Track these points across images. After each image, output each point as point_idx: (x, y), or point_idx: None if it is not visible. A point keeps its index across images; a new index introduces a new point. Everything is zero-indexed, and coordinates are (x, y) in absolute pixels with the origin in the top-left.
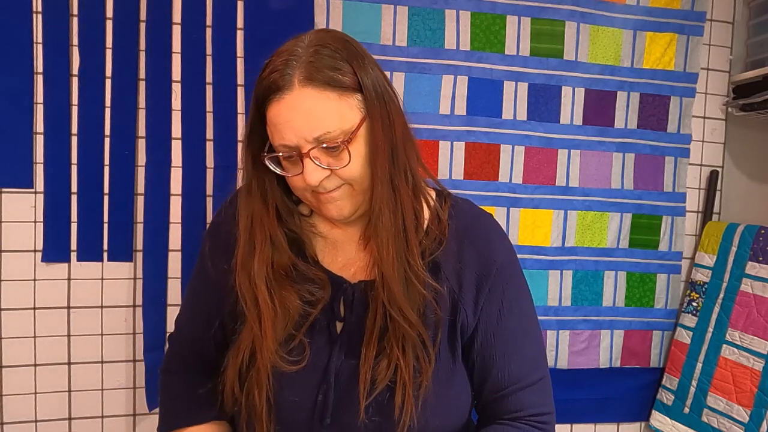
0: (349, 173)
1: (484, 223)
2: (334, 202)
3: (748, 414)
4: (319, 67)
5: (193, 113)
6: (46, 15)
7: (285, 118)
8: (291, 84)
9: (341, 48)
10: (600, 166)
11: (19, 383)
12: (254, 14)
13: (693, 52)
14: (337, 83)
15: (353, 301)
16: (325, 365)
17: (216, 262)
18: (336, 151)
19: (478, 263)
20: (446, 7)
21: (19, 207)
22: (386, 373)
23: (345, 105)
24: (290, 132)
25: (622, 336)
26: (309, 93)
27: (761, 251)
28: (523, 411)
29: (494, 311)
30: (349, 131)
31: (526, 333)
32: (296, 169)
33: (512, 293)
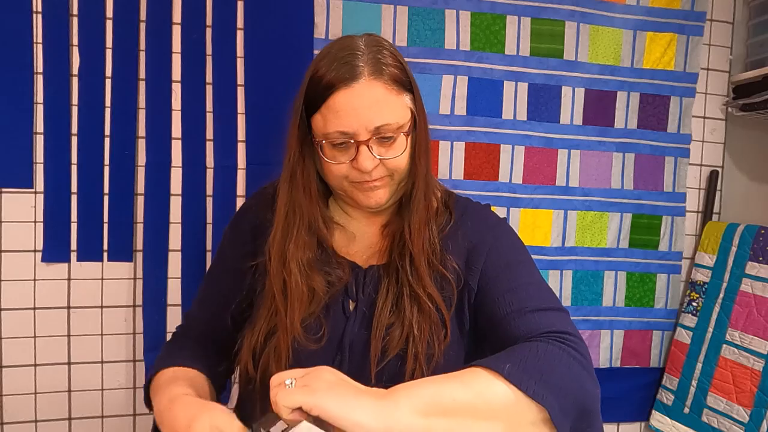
0: (397, 164)
1: (480, 207)
2: (375, 191)
3: (748, 414)
4: (386, 64)
5: (193, 113)
6: (46, 15)
7: (352, 105)
8: (361, 75)
9: (395, 52)
10: (600, 166)
11: (19, 383)
12: (254, 14)
13: (693, 52)
14: (398, 81)
15: (365, 283)
16: (339, 338)
17: (236, 248)
18: (388, 141)
19: (475, 234)
20: (446, 7)
21: (19, 207)
22: (398, 341)
23: (401, 101)
24: (354, 119)
25: (622, 336)
26: (377, 85)
27: (761, 251)
28: (539, 330)
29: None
30: (403, 125)
31: (531, 277)
32: (344, 156)
33: (509, 250)
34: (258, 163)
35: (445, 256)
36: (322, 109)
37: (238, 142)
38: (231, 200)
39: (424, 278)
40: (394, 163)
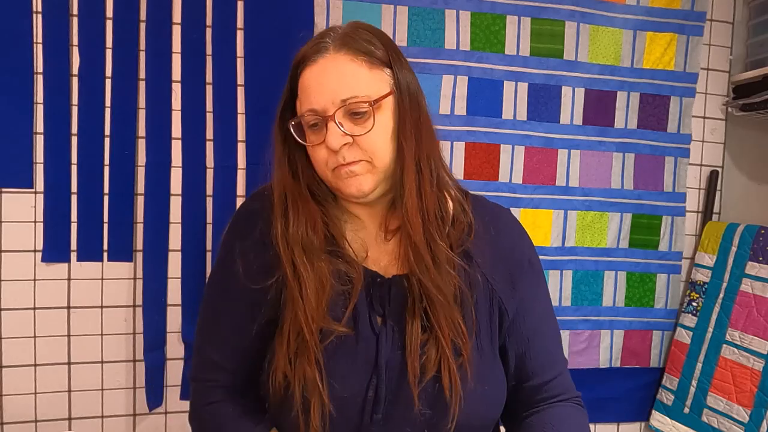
0: (371, 143)
1: (507, 217)
2: (354, 177)
3: (748, 414)
4: (354, 38)
5: (193, 113)
6: (46, 15)
7: (316, 80)
8: (326, 50)
9: (376, 32)
10: (600, 166)
11: (19, 383)
12: (254, 14)
13: (693, 52)
14: (369, 53)
15: (390, 294)
16: (374, 358)
17: (249, 263)
18: (360, 118)
19: (510, 257)
20: (446, 7)
21: (19, 207)
22: (434, 361)
23: (375, 75)
24: (319, 94)
25: (622, 336)
26: (342, 57)
27: (761, 251)
28: (566, 393)
29: (530, 303)
30: (377, 100)
31: (553, 321)
32: (319, 137)
33: (542, 286)
34: (258, 163)
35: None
36: (297, 92)
37: (238, 142)
38: (231, 200)
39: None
40: (368, 141)
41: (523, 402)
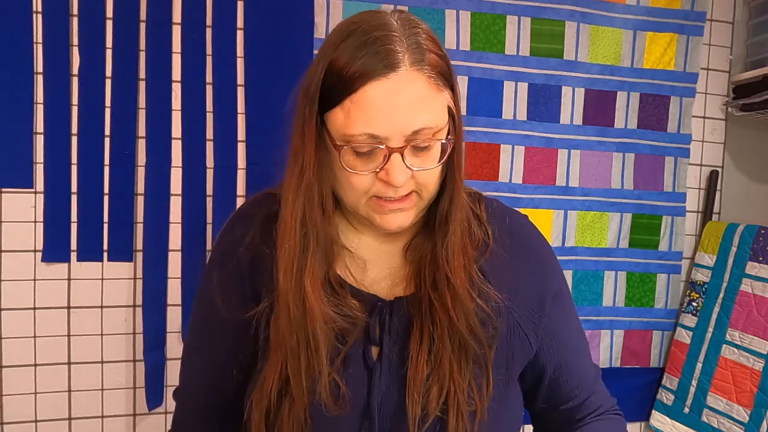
0: (429, 178)
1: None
2: (400, 213)
3: (748, 414)
4: (428, 50)
5: (193, 113)
6: (46, 15)
7: (387, 102)
8: (401, 63)
9: (434, 36)
10: (600, 166)
11: (19, 383)
12: (254, 14)
13: (693, 52)
14: (441, 74)
15: (390, 320)
16: (365, 402)
17: (227, 295)
18: (423, 151)
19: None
20: (446, 7)
21: (19, 207)
22: (438, 401)
23: (442, 100)
24: (388, 120)
25: (622, 336)
26: (419, 78)
27: (761, 251)
28: (605, 405)
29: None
30: (441, 130)
31: (583, 339)
32: (368, 165)
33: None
34: (258, 163)
35: (485, 286)
36: (345, 103)
37: (238, 142)
38: (231, 200)
39: (468, 313)
40: (426, 176)
41: (560, 424)
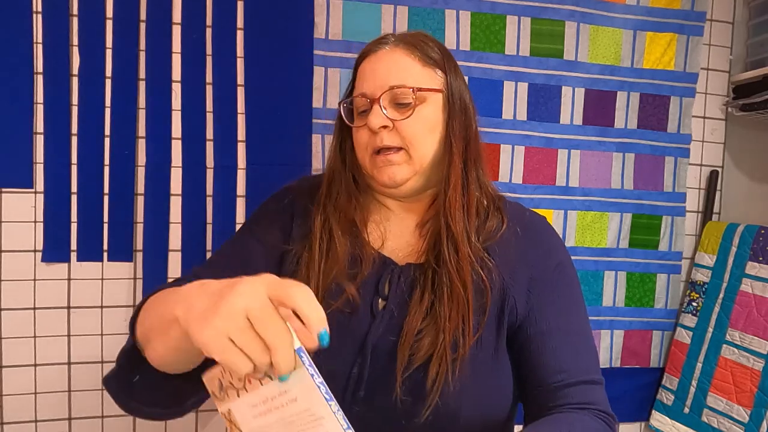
0: (410, 131)
1: (540, 225)
2: (390, 166)
3: (748, 414)
4: (414, 39)
5: (193, 113)
6: (46, 15)
7: (371, 68)
8: (386, 44)
9: (437, 41)
10: (600, 166)
11: (19, 383)
12: (254, 14)
13: (693, 52)
14: (425, 53)
15: (399, 280)
16: (363, 338)
17: (272, 219)
18: (405, 108)
19: (536, 262)
20: (446, 7)
21: (19, 207)
22: (426, 350)
23: (426, 72)
24: (371, 80)
25: (622, 336)
26: (399, 51)
27: (761, 251)
28: (594, 405)
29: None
30: (423, 92)
31: (586, 333)
32: (364, 120)
33: (569, 292)
34: (258, 163)
35: (488, 262)
36: (356, 82)
37: (238, 142)
38: (231, 200)
39: (466, 281)
40: (407, 129)
41: (541, 405)
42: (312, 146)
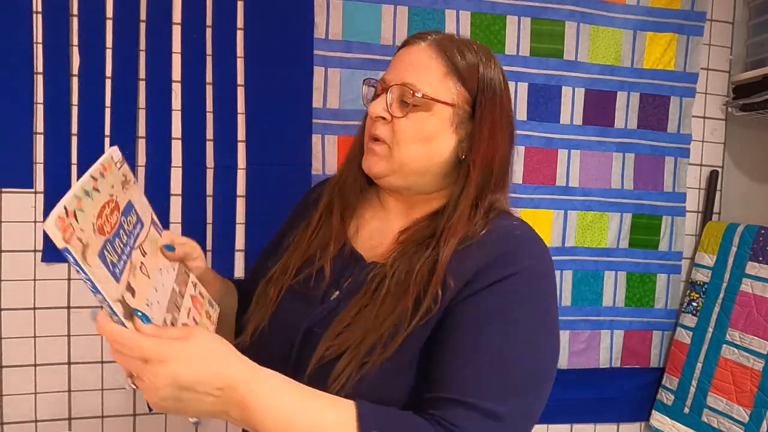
0: (401, 132)
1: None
2: (372, 156)
3: (748, 414)
4: (450, 45)
5: (193, 113)
6: (46, 15)
7: (398, 58)
8: (422, 40)
9: (482, 50)
10: (600, 166)
11: (19, 383)
12: (254, 14)
13: (693, 52)
14: (452, 62)
15: (358, 275)
16: (302, 321)
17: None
18: (407, 107)
19: (482, 269)
20: (446, 7)
21: (19, 207)
22: (340, 346)
23: (444, 83)
24: (393, 70)
25: (622, 336)
26: (429, 51)
27: (761, 251)
28: (445, 420)
29: (473, 313)
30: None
31: (498, 354)
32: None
33: (502, 305)
34: (258, 163)
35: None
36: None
37: (238, 142)
38: (231, 200)
39: (406, 290)
40: (399, 129)
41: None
42: (312, 146)
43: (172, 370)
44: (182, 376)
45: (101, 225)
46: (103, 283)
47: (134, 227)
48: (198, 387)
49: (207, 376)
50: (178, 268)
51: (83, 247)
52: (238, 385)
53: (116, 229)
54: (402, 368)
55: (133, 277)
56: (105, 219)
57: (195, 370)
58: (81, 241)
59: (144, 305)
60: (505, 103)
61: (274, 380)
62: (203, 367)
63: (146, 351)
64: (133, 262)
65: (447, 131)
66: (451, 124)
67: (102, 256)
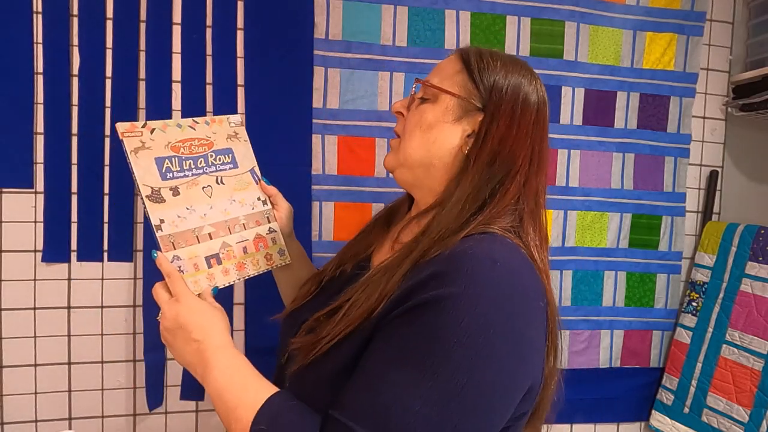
0: (408, 122)
1: (457, 255)
2: (390, 151)
3: (747, 414)
4: (477, 50)
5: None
6: (46, 15)
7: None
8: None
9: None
10: (600, 166)
11: (19, 383)
12: (254, 14)
13: (693, 52)
14: (467, 62)
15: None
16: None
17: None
18: (423, 102)
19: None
20: (446, 7)
21: (19, 207)
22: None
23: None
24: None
25: (622, 336)
26: (453, 57)
27: (761, 251)
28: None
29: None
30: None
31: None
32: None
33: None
34: (257, 163)
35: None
36: None
37: None
38: None
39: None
40: (408, 120)
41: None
42: (312, 146)
43: (179, 308)
44: (181, 316)
45: (178, 147)
46: (142, 171)
47: (223, 164)
48: (186, 331)
49: (194, 325)
50: (259, 211)
51: (140, 146)
52: (208, 347)
53: (196, 155)
54: (329, 373)
55: (187, 188)
56: (188, 146)
57: (191, 318)
58: (143, 143)
59: (183, 208)
60: (527, 118)
61: (233, 358)
62: (196, 318)
63: (178, 290)
64: (199, 181)
65: (446, 119)
66: (451, 112)
67: (159, 160)
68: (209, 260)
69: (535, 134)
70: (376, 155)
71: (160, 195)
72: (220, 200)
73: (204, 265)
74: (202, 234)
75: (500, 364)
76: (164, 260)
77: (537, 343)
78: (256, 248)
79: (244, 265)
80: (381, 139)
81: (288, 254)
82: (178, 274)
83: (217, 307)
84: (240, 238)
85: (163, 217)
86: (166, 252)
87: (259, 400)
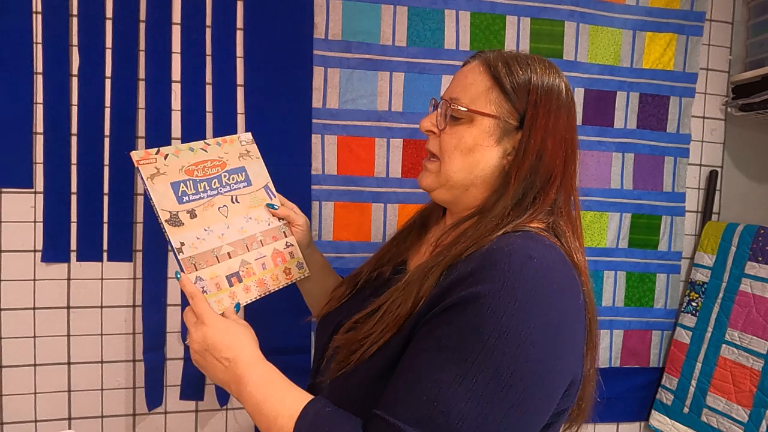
0: (444, 144)
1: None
2: (424, 171)
3: (747, 414)
4: (501, 58)
5: (193, 113)
6: (46, 15)
7: (453, 78)
8: (476, 58)
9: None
10: (599, 166)
11: (19, 383)
12: (254, 14)
13: (692, 52)
14: (496, 76)
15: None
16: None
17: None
18: (454, 122)
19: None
20: (446, 7)
21: (19, 207)
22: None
23: (487, 95)
24: (447, 89)
25: (621, 336)
26: (476, 67)
27: (761, 251)
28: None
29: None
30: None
31: (432, 374)
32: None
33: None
34: None
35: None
36: None
37: None
38: None
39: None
40: (444, 141)
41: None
42: (312, 146)
43: (205, 330)
44: (209, 337)
45: (192, 170)
46: (159, 197)
47: (237, 183)
48: (215, 351)
49: (223, 344)
50: (275, 227)
51: (156, 172)
52: (239, 364)
53: (210, 177)
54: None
55: (204, 210)
56: (201, 168)
57: (218, 337)
58: (158, 169)
59: (202, 230)
60: (561, 123)
61: (265, 371)
62: (222, 336)
63: (202, 311)
64: (214, 202)
65: (488, 143)
66: (491, 135)
67: (175, 184)
68: (230, 279)
69: (568, 134)
70: (375, 155)
71: (178, 218)
72: (236, 219)
73: (225, 284)
74: (222, 254)
75: (541, 358)
76: (187, 281)
77: (576, 338)
78: (275, 263)
79: (264, 281)
80: (381, 139)
81: (306, 267)
82: (201, 295)
83: (243, 324)
84: (258, 254)
85: (183, 240)
86: (189, 273)
87: (297, 408)
